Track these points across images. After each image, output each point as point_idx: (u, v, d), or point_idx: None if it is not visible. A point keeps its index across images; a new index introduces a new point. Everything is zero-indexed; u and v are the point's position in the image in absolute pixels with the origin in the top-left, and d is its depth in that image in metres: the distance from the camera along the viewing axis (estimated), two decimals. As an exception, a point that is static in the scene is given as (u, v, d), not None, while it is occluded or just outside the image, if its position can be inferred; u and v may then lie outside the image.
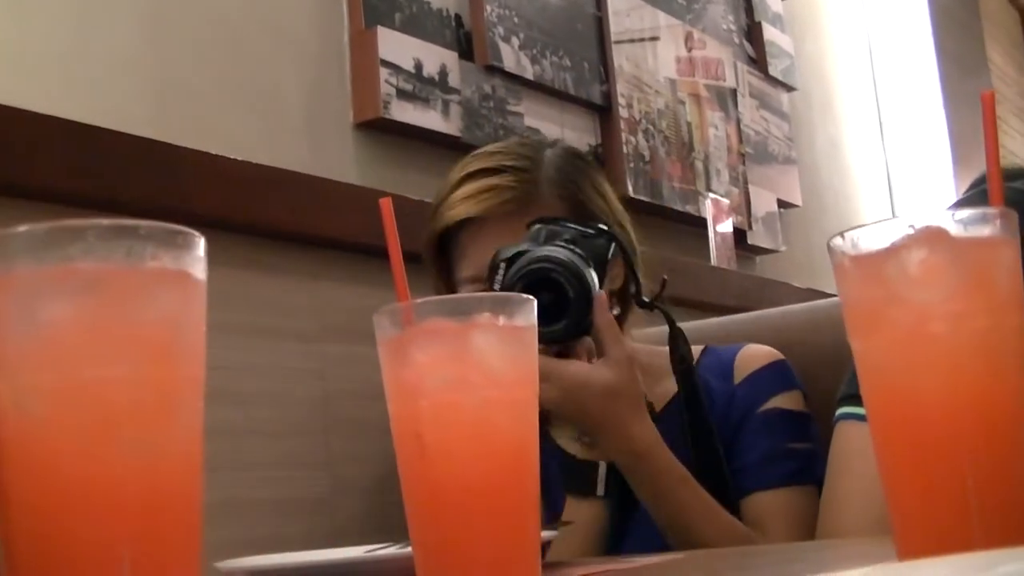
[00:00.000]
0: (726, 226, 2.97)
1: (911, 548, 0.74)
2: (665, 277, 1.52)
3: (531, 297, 0.86)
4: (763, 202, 3.33)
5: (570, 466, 1.50)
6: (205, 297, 0.63)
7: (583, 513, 1.47)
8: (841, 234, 0.76)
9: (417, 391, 0.83)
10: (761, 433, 1.53)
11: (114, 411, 0.59)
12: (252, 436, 1.75)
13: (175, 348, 0.61)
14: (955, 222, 0.73)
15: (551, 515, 1.50)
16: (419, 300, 0.84)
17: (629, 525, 1.50)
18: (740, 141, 3.28)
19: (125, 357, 0.59)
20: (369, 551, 1.20)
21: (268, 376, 1.77)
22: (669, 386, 1.53)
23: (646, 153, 2.79)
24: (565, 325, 1.35)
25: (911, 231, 0.73)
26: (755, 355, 1.60)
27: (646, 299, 1.49)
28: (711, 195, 2.97)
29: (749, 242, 3.19)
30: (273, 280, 1.81)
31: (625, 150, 2.71)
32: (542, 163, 1.58)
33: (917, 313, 0.73)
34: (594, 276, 1.38)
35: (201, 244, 0.62)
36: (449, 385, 0.82)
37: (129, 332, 0.59)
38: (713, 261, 2.87)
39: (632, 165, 2.72)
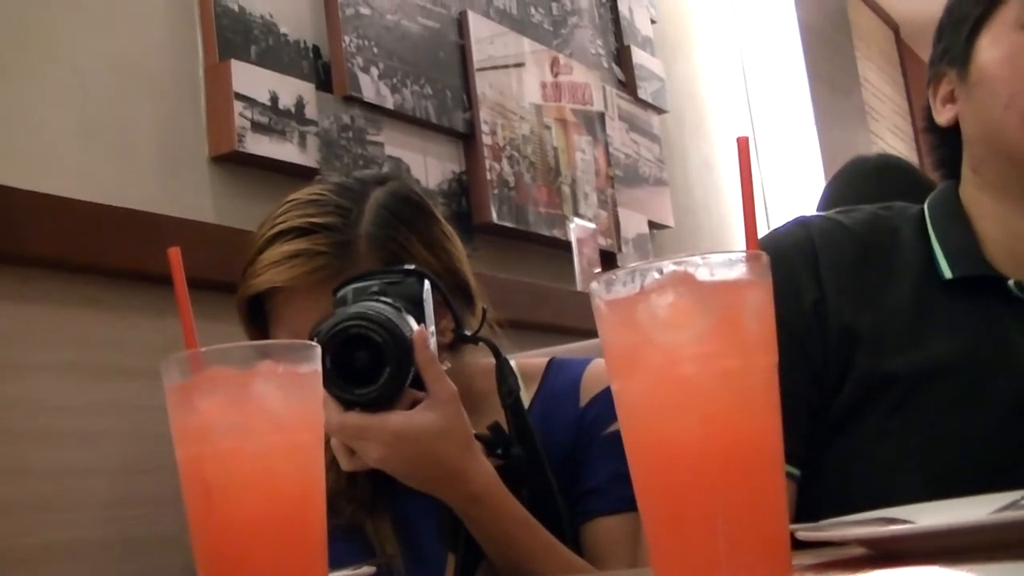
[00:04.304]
0: (592, 249, 3.00)
1: (667, 581, 0.76)
2: (485, 308, 1.52)
3: (314, 344, 0.88)
4: (633, 224, 3.38)
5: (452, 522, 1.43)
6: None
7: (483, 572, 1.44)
8: (598, 279, 0.78)
9: (201, 437, 0.85)
10: (606, 456, 1.51)
11: None
12: (100, 475, 1.74)
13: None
14: (702, 266, 0.76)
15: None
16: (205, 348, 0.86)
17: None
18: (609, 164, 3.33)
19: None
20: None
21: (116, 414, 1.76)
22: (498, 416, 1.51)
23: (511, 179, 2.82)
24: (386, 377, 1.27)
25: (658, 276, 0.76)
26: (601, 373, 1.56)
27: (467, 332, 1.46)
28: (576, 219, 3.01)
29: (619, 264, 3.23)
30: (119, 319, 1.80)
31: (489, 176, 2.74)
32: (362, 216, 1.48)
33: (667, 355, 0.76)
34: (410, 320, 1.32)
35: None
36: (231, 432, 0.84)
37: None
38: (578, 286, 2.90)
39: (496, 191, 2.75)
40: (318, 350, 0.88)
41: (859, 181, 2.84)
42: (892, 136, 6.28)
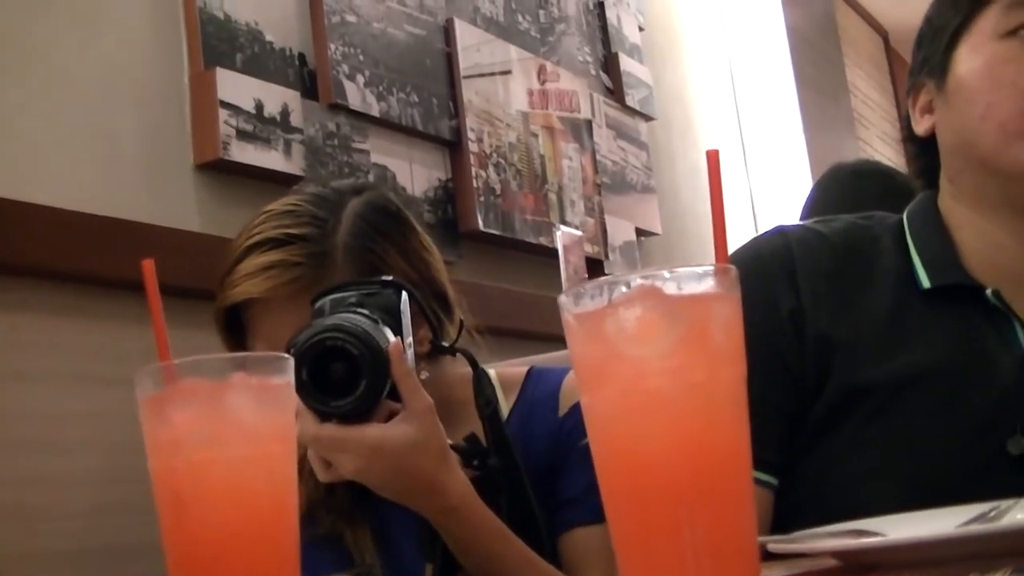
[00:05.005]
0: (578, 257, 3.01)
1: (635, 593, 0.77)
2: (462, 319, 1.52)
3: (287, 356, 0.88)
4: (620, 231, 3.38)
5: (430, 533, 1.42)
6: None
7: None
8: (567, 292, 0.79)
9: (173, 449, 0.85)
10: (584, 466, 1.46)
11: None
12: (82, 484, 1.74)
13: None
14: (669, 280, 0.76)
15: None
16: (178, 360, 0.86)
17: None
18: (596, 171, 3.33)
19: None
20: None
21: (97, 423, 1.77)
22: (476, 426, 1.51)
23: (497, 187, 2.83)
24: (362, 389, 1.27)
25: (626, 289, 0.76)
26: None
27: (445, 343, 1.46)
28: (562, 227, 3.01)
29: (606, 271, 3.24)
30: (103, 327, 1.81)
31: (475, 184, 2.74)
32: (338, 226, 1.48)
33: (636, 368, 0.76)
34: (387, 332, 1.32)
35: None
36: (203, 443, 0.84)
37: None
38: (565, 293, 2.90)
39: (483, 199, 2.75)
40: (291, 362, 0.88)
41: (836, 187, 2.84)
42: (880, 143, 6.29)
